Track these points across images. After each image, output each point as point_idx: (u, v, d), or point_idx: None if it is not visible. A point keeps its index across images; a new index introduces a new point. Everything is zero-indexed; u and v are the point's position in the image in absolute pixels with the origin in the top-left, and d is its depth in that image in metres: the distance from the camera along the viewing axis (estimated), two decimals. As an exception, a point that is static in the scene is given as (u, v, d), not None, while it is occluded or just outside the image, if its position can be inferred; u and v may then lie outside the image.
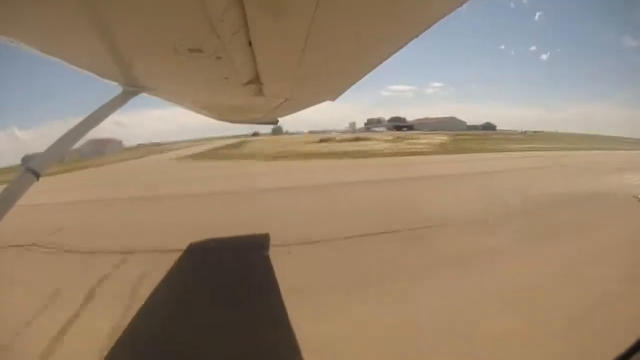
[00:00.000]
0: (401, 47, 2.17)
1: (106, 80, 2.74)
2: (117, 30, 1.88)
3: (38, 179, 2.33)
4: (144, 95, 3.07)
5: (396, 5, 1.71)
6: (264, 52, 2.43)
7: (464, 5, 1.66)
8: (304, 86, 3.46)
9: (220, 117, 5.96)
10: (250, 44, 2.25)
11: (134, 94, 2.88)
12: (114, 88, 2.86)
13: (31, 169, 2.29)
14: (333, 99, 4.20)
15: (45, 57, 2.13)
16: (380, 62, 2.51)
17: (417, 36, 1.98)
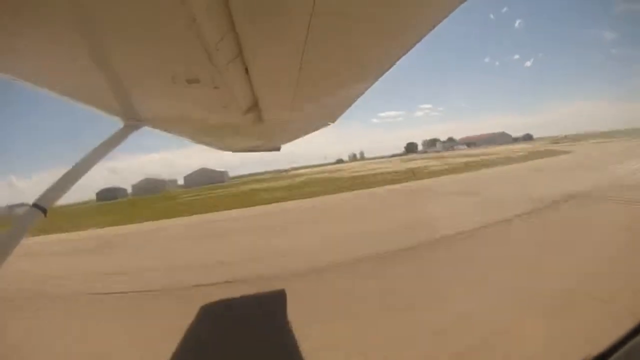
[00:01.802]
0: (395, 62, 2.21)
1: (107, 115, 2.81)
2: (115, 64, 1.94)
3: (45, 215, 2.35)
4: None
5: (387, 21, 1.75)
6: (260, 79, 2.48)
7: (445, 23, 1.71)
8: (303, 110, 3.50)
9: (222, 146, 6.03)
10: (247, 71, 2.30)
11: (135, 127, 2.93)
12: (112, 125, 2.92)
13: (37, 205, 2.31)
14: (333, 121, 4.25)
15: (46, 94, 2.20)
16: (376, 80, 2.55)
17: (410, 49, 2.01)
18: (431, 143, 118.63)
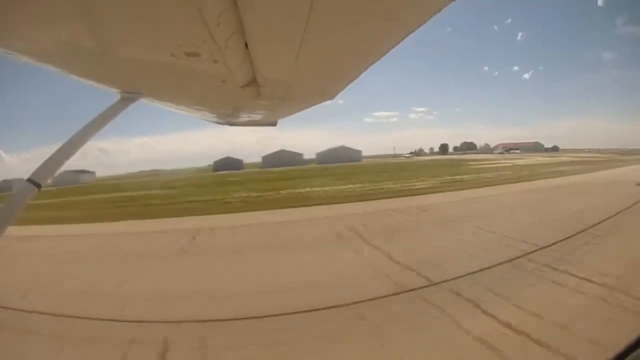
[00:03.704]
0: (397, 44, 2.16)
1: (104, 87, 2.75)
2: (113, 36, 1.89)
3: (39, 189, 2.34)
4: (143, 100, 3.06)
5: (391, 1, 1.71)
6: (260, 54, 2.43)
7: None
8: (301, 86, 3.45)
9: (219, 120, 5.96)
10: (246, 46, 2.25)
11: (132, 99, 2.88)
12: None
13: (32, 179, 2.30)
14: (331, 98, 4.19)
15: (42, 67, 2.14)
16: (377, 60, 2.50)
17: (412, 32, 1.97)
18: (466, 146, 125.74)
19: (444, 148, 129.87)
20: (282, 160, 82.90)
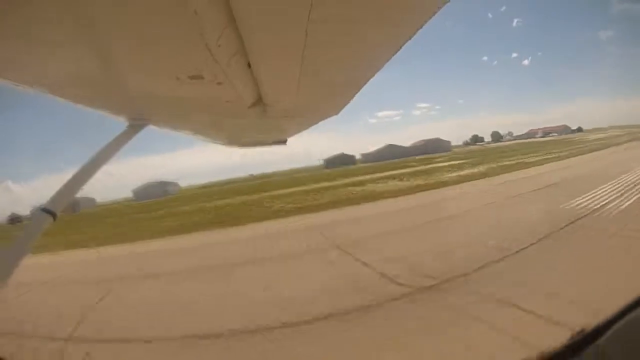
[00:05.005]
0: (396, 52, 2.15)
1: (111, 116, 2.80)
2: (116, 63, 1.92)
3: (55, 219, 2.36)
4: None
5: (387, 9, 1.70)
6: (263, 73, 2.44)
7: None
8: (307, 103, 3.46)
9: (228, 142, 6.01)
10: (249, 65, 2.27)
11: (140, 127, 2.92)
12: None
13: (47, 209, 2.32)
14: (337, 112, 4.20)
15: (48, 97, 2.19)
16: (379, 69, 2.50)
17: (414, 34, 1.96)
18: (497, 135, 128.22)
19: (475, 138, 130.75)
20: (386, 155, 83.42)
